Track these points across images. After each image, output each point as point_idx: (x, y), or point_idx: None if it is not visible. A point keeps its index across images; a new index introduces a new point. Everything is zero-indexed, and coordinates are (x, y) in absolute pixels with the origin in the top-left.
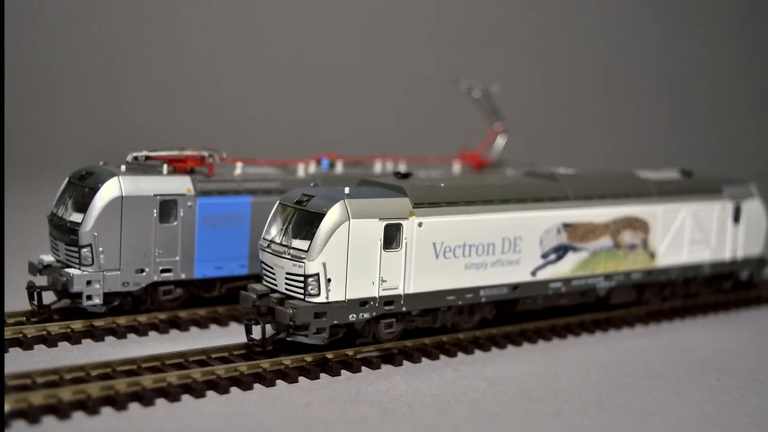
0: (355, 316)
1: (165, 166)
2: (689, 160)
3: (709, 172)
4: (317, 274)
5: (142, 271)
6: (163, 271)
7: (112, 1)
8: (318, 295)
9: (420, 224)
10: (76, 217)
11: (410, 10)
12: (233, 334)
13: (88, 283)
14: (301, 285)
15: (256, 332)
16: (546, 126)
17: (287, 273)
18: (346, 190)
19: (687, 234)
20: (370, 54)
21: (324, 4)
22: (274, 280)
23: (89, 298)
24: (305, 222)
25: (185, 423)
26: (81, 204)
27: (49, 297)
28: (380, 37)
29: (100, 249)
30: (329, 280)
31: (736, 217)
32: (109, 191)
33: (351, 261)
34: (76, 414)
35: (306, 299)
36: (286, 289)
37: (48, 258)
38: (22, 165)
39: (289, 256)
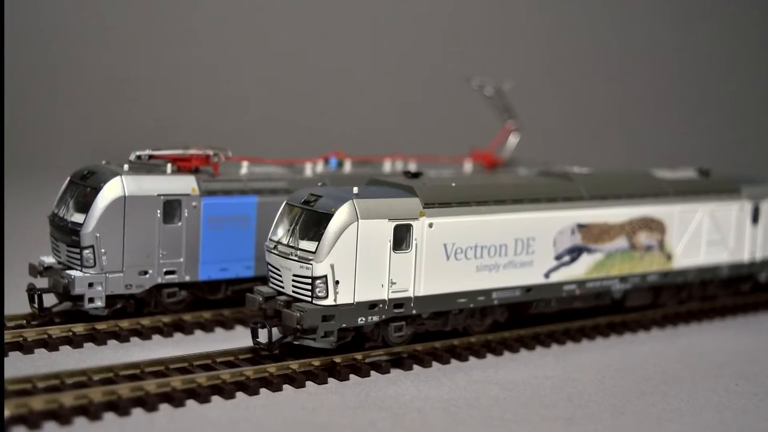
0: (363, 319)
1: (169, 166)
2: (706, 159)
3: (726, 172)
4: (325, 276)
5: (146, 273)
6: (166, 272)
7: None
8: (326, 297)
9: (430, 225)
10: (78, 218)
11: (421, 5)
12: (239, 338)
13: (90, 285)
14: (309, 287)
15: (263, 336)
16: (560, 124)
17: (294, 275)
18: (355, 189)
19: (704, 235)
20: (379, 51)
21: (333, 0)
22: (281, 282)
23: (91, 300)
24: (313, 223)
25: (190, 429)
26: (83, 204)
27: (50, 299)
28: (390, 33)
29: (103, 250)
30: (337, 283)
31: (755, 218)
32: (111, 191)
33: (360, 263)
34: (77, 420)
35: (314, 302)
36: (294, 291)
37: (49, 259)
38: (23, 164)
39: (296, 258)
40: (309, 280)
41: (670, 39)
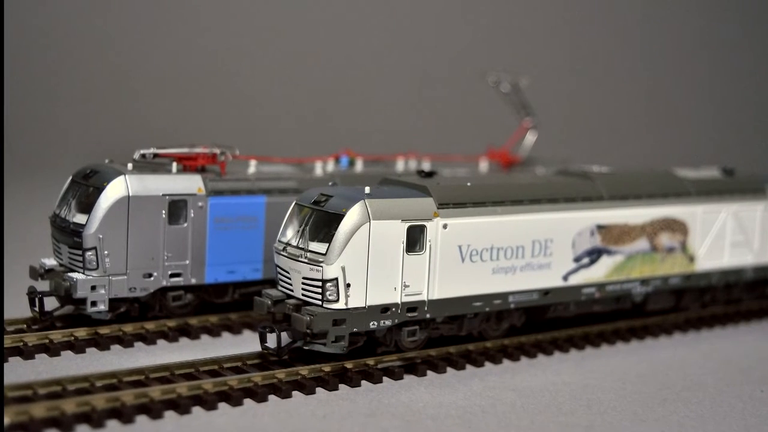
0: (376, 323)
1: (174, 165)
2: (730, 158)
3: (751, 171)
4: (336, 279)
5: (150, 275)
6: (172, 275)
7: None
8: (337, 301)
9: (445, 226)
10: (80, 219)
11: (436, 0)
12: (247, 343)
13: (93, 288)
14: (319, 290)
15: (271, 340)
16: (579, 121)
17: (304, 278)
18: (367, 189)
19: (728, 236)
20: (392, 46)
21: None
22: (290, 285)
23: (94, 304)
24: (323, 223)
25: None
26: (85, 204)
27: (51, 303)
28: (403, 29)
29: (106, 252)
30: (348, 286)
31: None
32: (115, 191)
33: (372, 265)
34: (79, 427)
35: (324, 305)
36: (303, 294)
37: (50, 261)
38: (23, 163)
39: (305, 260)
40: (319, 283)
41: (692, 34)
